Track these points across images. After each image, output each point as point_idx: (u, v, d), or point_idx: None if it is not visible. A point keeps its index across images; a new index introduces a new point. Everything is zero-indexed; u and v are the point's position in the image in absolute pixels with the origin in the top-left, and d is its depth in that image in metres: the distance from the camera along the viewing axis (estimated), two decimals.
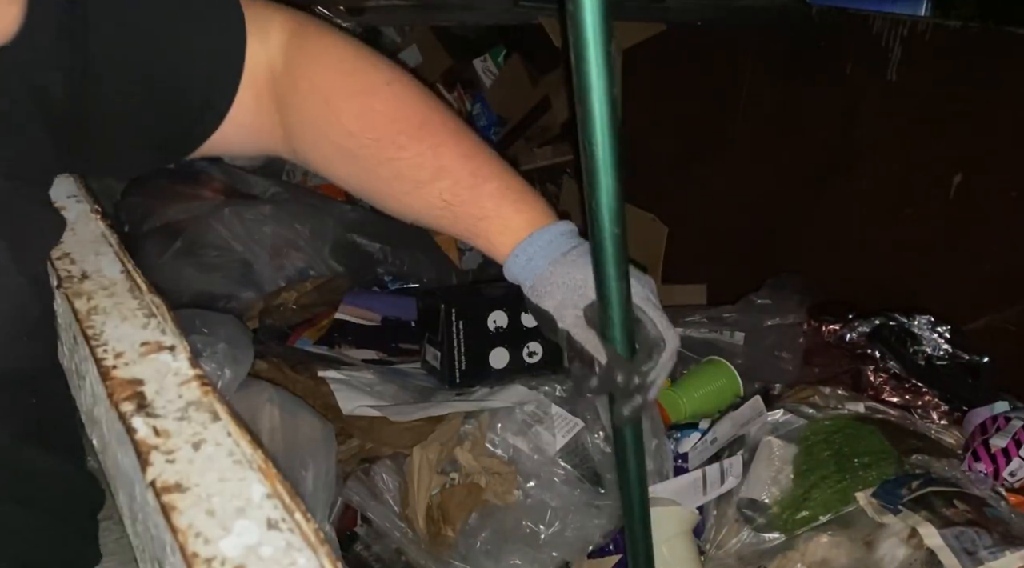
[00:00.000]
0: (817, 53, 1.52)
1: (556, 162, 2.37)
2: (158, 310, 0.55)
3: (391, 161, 0.62)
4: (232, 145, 0.65)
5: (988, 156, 1.23)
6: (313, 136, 0.63)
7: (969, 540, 0.87)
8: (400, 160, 0.62)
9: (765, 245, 1.70)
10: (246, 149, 0.69)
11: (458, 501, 1.01)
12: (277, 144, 0.66)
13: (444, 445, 1.04)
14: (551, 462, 1.02)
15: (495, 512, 1.01)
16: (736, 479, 1.03)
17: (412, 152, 0.62)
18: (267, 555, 0.35)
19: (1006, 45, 1.19)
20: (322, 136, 0.63)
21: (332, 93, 0.62)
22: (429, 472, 1.03)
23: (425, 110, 0.64)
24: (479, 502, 1.01)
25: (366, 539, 1.06)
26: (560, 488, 1.01)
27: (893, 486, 0.95)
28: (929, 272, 1.33)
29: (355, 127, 0.62)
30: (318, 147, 0.64)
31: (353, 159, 0.63)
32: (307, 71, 0.62)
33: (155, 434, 0.43)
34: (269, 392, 1.01)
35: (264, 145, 0.66)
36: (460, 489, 1.03)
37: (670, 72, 1.95)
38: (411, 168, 0.62)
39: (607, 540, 1.03)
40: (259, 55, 0.61)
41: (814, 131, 1.55)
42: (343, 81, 0.63)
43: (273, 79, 0.62)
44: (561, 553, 0.99)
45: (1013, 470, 0.99)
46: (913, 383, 1.21)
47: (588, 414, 1.08)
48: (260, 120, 0.63)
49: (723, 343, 1.33)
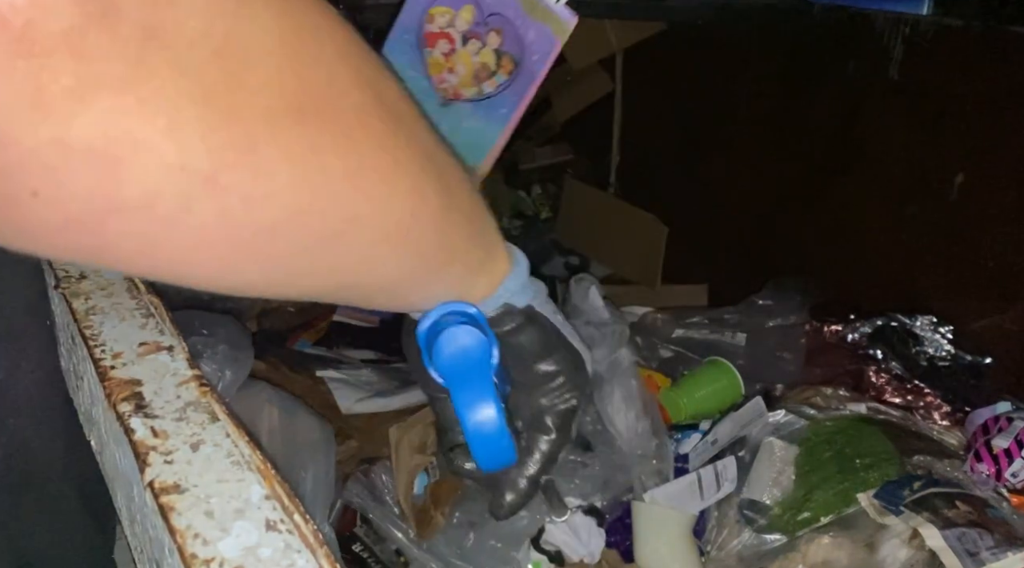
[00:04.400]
0: (818, 52, 1.52)
1: (556, 162, 2.37)
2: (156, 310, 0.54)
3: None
4: None
5: (991, 156, 1.23)
6: None
7: (971, 541, 0.86)
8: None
9: (766, 245, 1.70)
10: None
11: (449, 485, 1.02)
12: None
13: (426, 425, 1.04)
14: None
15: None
16: (732, 484, 1.03)
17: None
18: (266, 556, 0.35)
19: (1008, 44, 1.19)
20: None
21: None
22: (410, 452, 1.03)
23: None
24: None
25: (365, 540, 1.06)
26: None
27: (895, 487, 0.94)
28: (931, 272, 1.33)
29: None
30: None
31: None
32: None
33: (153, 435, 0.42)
34: (268, 393, 1.00)
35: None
36: (450, 476, 1.03)
37: (670, 72, 1.95)
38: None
39: (593, 498, 1.03)
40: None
41: (815, 130, 1.55)
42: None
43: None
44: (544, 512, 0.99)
45: (1015, 471, 0.99)
46: (915, 384, 1.21)
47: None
48: None
49: (724, 344, 1.33)
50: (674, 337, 1.36)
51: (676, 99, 1.95)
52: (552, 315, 0.50)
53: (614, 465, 1.04)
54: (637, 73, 2.07)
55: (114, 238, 0.26)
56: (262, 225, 0.28)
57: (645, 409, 1.06)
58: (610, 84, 2.11)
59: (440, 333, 0.44)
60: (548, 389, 0.49)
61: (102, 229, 0.25)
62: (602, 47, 2.02)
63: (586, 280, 1.22)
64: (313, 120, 0.28)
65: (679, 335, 1.36)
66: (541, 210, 2.36)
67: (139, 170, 0.24)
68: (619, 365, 1.09)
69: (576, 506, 1.00)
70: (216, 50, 0.24)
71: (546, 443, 0.50)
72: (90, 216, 0.25)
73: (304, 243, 0.31)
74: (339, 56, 0.29)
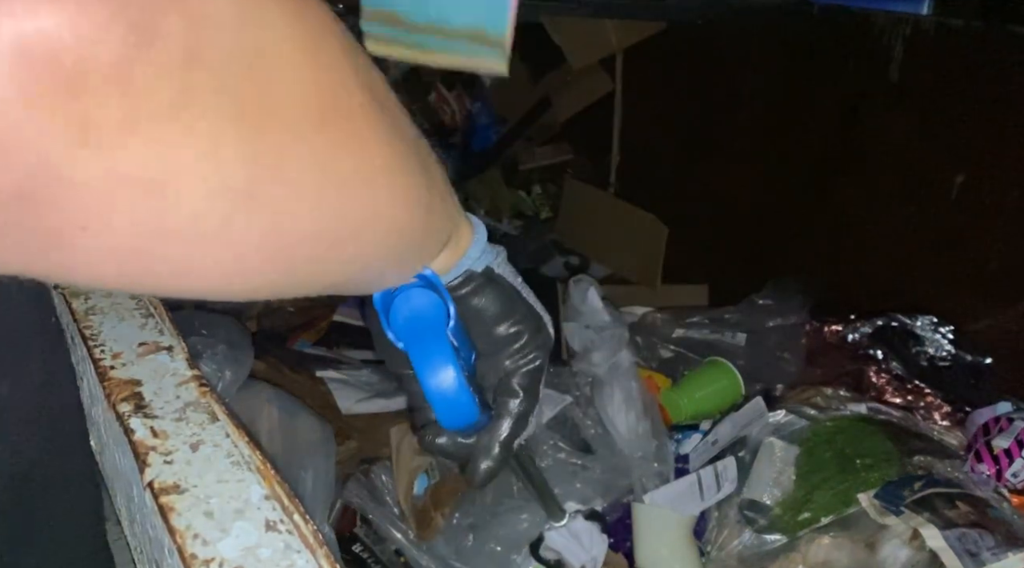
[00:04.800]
0: (818, 52, 1.52)
1: (556, 161, 2.37)
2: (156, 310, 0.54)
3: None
4: None
5: (991, 156, 1.23)
6: None
7: (972, 541, 0.86)
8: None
9: (766, 245, 1.70)
10: None
11: (450, 487, 1.02)
12: None
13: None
14: (539, 431, 1.03)
15: (486, 487, 1.01)
16: (732, 484, 1.03)
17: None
18: (265, 557, 0.35)
19: (1009, 44, 1.19)
20: None
21: None
22: (410, 453, 1.03)
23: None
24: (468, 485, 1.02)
25: (365, 540, 1.06)
26: (545, 452, 1.02)
27: (895, 487, 0.94)
28: (931, 272, 1.33)
29: None
30: None
31: None
32: None
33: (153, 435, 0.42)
34: (268, 393, 1.00)
35: None
36: (452, 476, 1.03)
37: (670, 71, 1.95)
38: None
39: (594, 500, 1.03)
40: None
41: (816, 130, 1.55)
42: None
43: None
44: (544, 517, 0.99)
45: (1016, 471, 0.99)
46: (915, 384, 1.21)
47: (577, 392, 1.10)
48: None
49: (725, 344, 1.33)
50: (674, 337, 1.36)
51: (676, 99, 1.95)
52: (511, 277, 0.50)
53: (614, 468, 1.04)
54: (637, 73, 2.07)
55: (156, 263, 0.26)
56: (290, 233, 0.29)
57: (645, 410, 1.06)
58: (610, 84, 2.11)
59: (396, 296, 0.45)
60: (512, 351, 0.50)
61: (146, 255, 0.26)
62: (602, 47, 2.02)
63: (584, 281, 1.22)
64: (331, 125, 0.28)
65: (679, 335, 1.36)
66: (541, 210, 2.36)
67: (184, 195, 0.24)
68: (619, 367, 1.09)
69: (575, 511, 0.99)
70: (248, 65, 0.24)
71: (515, 405, 0.50)
72: (135, 244, 0.25)
73: (325, 246, 0.31)
74: (344, 56, 0.29)
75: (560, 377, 1.13)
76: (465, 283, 0.47)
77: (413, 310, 0.45)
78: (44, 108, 0.20)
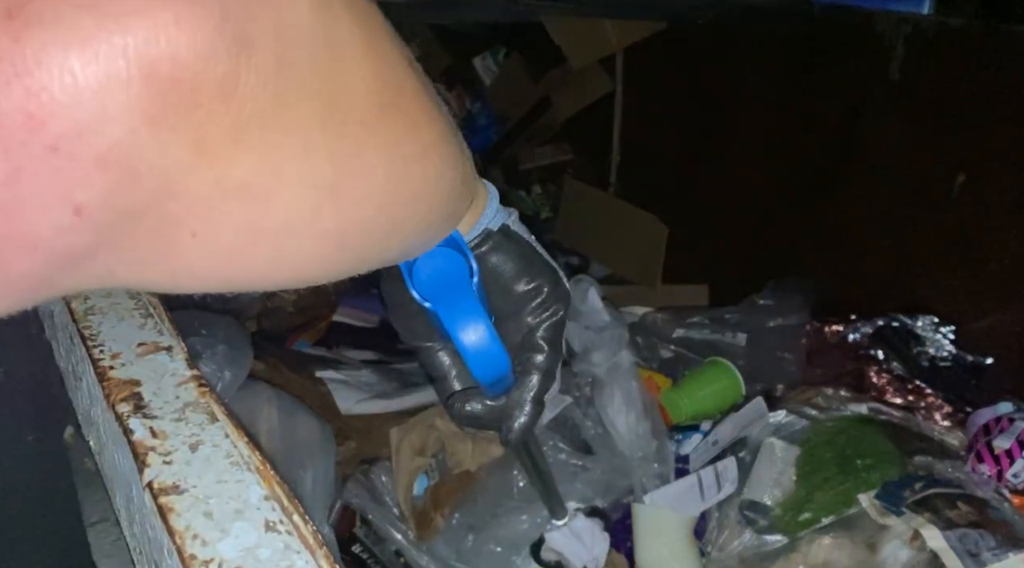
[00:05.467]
0: (819, 51, 1.52)
1: (556, 161, 2.37)
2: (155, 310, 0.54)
3: None
4: None
5: (991, 155, 1.22)
6: None
7: (972, 542, 0.86)
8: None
9: (766, 245, 1.70)
10: None
11: (449, 488, 1.02)
12: None
13: (426, 427, 1.04)
14: (538, 431, 1.03)
15: (483, 488, 1.01)
16: (732, 485, 1.03)
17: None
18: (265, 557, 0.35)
19: (1010, 43, 1.18)
20: None
21: None
22: (410, 454, 1.03)
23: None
24: (469, 485, 1.02)
25: (365, 541, 1.05)
26: (546, 452, 1.02)
27: (896, 488, 0.94)
28: (932, 272, 1.33)
29: None
30: None
31: None
32: None
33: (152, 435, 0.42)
34: (267, 393, 1.00)
35: None
36: (451, 476, 1.03)
37: (670, 71, 1.95)
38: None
39: (594, 501, 1.03)
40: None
41: (816, 130, 1.55)
42: None
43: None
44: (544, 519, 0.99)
45: (1017, 471, 0.99)
46: (916, 384, 1.21)
47: (577, 393, 1.09)
48: None
49: (725, 344, 1.33)
50: (674, 337, 1.36)
51: (676, 99, 1.95)
52: (526, 235, 0.51)
53: (615, 469, 1.04)
54: (637, 73, 2.07)
55: (251, 260, 0.27)
56: (366, 218, 0.30)
57: (646, 411, 1.06)
58: (610, 84, 2.11)
59: (417, 258, 0.45)
60: (533, 307, 0.50)
61: (244, 254, 0.27)
62: (602, 47, 2.01)
63: (584, 281, 1.22)
64: (392, 113, 0.30)
65: (679, 335, 1.36)
66: (541, 210, 2.36)
67: (281, 195, 0.26)
68: (619, 367, 1.09)
69: (576, 509, 0.99)
70: (327, 68, 0.25)
71: (542, 359, 0.50)
72: (236, 244, 0.26)
73: (393, 225, 0.33)
74: (393, 46, 0.30)
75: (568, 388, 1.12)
76: (484, 241, 0.48)
77: (436, 269, 0.46)
78: (167, 128, 0.21)
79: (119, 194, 0.22)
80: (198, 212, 0.24)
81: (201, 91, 0.21)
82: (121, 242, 0.23)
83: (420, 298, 0.46)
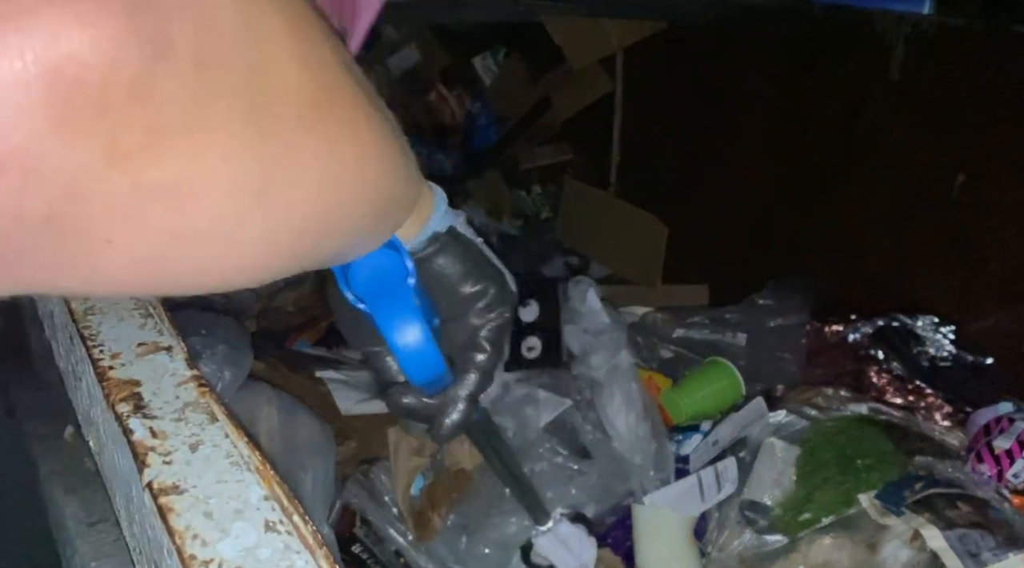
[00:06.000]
0: (819, 51, 1.52)
1: (556, 161, 2.37)
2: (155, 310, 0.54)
3: None
4: None
5: (991, 155, 1.22)
6: None
7: (972, 542, 0.86)
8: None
9: (767, 245, 1.70)
10: None
11: (445, 487, 1.02)
12: None
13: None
14: (536, 435, 1.03)
15: (479, 489, 1.01)
16: (733, 485, 1.03)
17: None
18: (265, 557, 0.35)
19: (1010, 43, 1.18)
20: None
21: None
22: (408, 454, 1.03)
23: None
24: (465, 485, 1.01)
25: (365, 541, 1.05)
26: (542, 455, 1.02)
27: (896, 488, 0.94)
28: (932, 272, 1.33)
29: None
30: None
31: None
32: None
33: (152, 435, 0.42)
34: (267, 393, 1.00)
35: None
36: (447, 475, 1.03)
37: (670, 71, 1.95)
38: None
39: (588, 505, 1.02)
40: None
41: (816, 130, 1.55)
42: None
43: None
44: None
45: (1017, 471, 0.99)
46: (916, 384, 1.20)
47: (577, 396, 1.09)
48: None
49: (725, 344, 1.33)
50: (674, 337, 1.35)
51: (676, 99, 1.95)
52: (473, 237, 0.51)
53: (612, 473, 1.03)
54: (637, 73, 2.07)
55: (175, 266, 0.26)
56: (299, 220, 0.29)
57: (645, 412, 1.06)
58: (610, 84, 2.10)
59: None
60: (478, 308, 0.50)
61: (166, 260, 0.26)
62: (602, 47, 2.01)
63: (583, 282, 1.22)
64: (326, 114, 0.29)
65: (679, 335, 1.35)
66: (541, 210, 2.36)
67: (205, 198, 0.25)
68: (619, 368, 1.09)
69: (561, 514, 0.99)
70: (255, 66, 0.25)
71: (482, 360, 0.50)
72: (157, 251, 0.25)
73: (328, 226, 0.32)
74: (325, 40, 0.29)
75: (560, 380, 1.13)
76: (431, 243, 0.48)
77: (372, 270, 0.45)
78: (74, 131, 0.20)
79: (21, 200, 0.21)
80: (113, 218, 0.23)
81: (111, 93, 0.20)
82: (26, 249, 0.22)
83: (354, 299, 0.45)
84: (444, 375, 0.49)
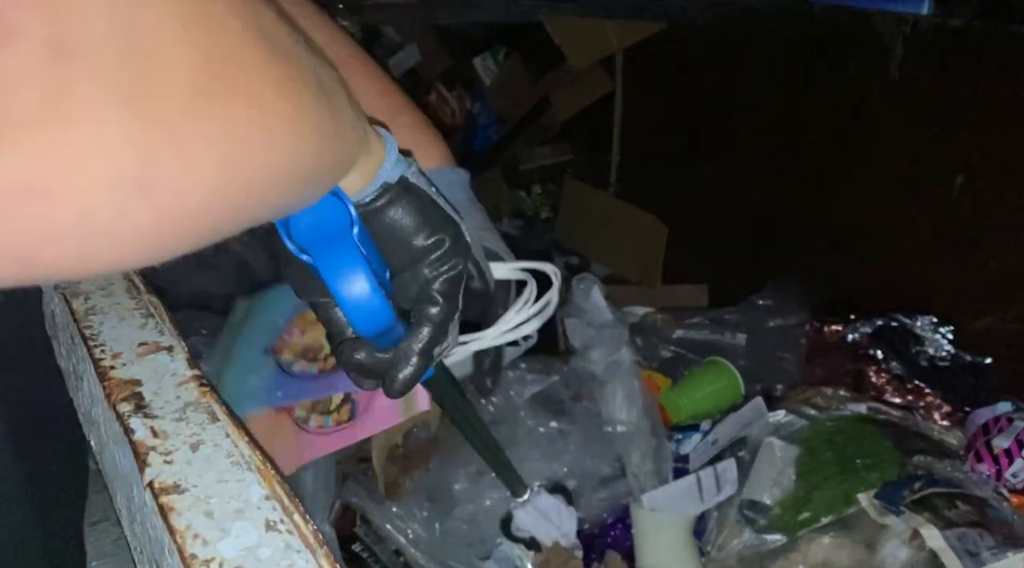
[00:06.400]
0: (819, 51, 1.52)
1: (556, 161, 2.37)
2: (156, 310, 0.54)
3: None
4: None
5: (991, 156, 1.23)
6: None
7: (972, 541, 0.86)
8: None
9: (766, 245, 1.70)
10: None
11: (418, 449, 1.01)
12: None
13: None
14: (519, 407, 1.03)
15: (460, 452, 1.00)
16: (732, 486, 1.03)
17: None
18: (266, 556, 0.35)
19: (1009, 44, 1.19)
20: None
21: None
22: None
23: (335, 47, 0.57)
24: (437, 450, 1.01)
25: (365, 540, 1.06)
26: (525, 424, 1.01)
27: (895, 487, 0.94)
28: (932, 272, 1.33)
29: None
30: None
31: None
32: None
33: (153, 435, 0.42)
34: None
35: None
36: (417, 441, 1.03)
37: (670, 72, 1.95)
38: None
39: (572, 471, 1.02)
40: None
41: (815, 130, 1.55)
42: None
43: None
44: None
45: (1016, 471, 0.99)
46: (915, 384, 1.21)
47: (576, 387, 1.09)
48: None
49: (724, 344, 1.33)
50: (674, 337, 1.36)
51: (676, 99, 1.95)
52: (427, 187, 0.49)
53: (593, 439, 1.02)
54: (637, 73, 2.07)
55: (51, 261, 0.25)
56: (191, 208, 0.27)
57: (646, 410, 1.06)
58: (610, 84, 2.11)
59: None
60: (431, 260, 0.49)
61: (38, 257, 0.24)
62: (602, 47, 2.02)
63: (588, 280, 1.22)
64: (223, 93, 0.27)
65: (679, 335, 1.36)
66: (541, 210, 2.36)
67: (72, 194, 0.23)
68: (620, 365, 1.09)
69: (538, 485, 0.97)
70: (125, 48, 0.23)
71: (435, 312, 0.49)
72: (24, 249, 0.24)
73: (232, 205, 0.30)
74: (229, 12, 0.27)
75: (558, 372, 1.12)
76: (381, 195, 0.46)
77: (315, 220, 0.44)
78: None
79: None
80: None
81: None
82: None
83: (296, 250, 0.44)
84: (394, 327, 0.47)
